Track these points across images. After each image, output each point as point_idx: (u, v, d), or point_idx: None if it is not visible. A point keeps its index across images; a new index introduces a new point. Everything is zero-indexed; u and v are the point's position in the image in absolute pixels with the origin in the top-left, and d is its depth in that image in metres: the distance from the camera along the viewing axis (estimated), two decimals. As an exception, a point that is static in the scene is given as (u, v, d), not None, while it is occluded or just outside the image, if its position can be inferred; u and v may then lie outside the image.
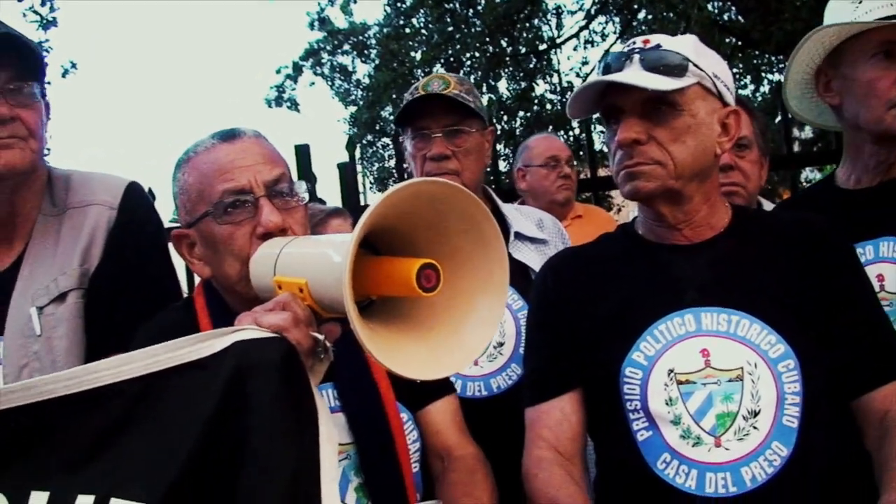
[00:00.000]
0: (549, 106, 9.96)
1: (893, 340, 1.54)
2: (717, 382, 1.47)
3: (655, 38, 1.54)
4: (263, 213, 1.37)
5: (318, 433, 1.15)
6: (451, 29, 8.87)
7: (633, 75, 1.49)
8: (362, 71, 13.92)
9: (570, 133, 8.87)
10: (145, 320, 1.53)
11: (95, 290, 1.69)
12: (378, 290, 1.14)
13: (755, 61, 9.19)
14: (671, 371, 1.49)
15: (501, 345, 2.10)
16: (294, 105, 13.97)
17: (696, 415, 1.47)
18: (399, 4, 10.84)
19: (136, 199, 1.78)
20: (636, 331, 1.53)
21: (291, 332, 1.15)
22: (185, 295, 2.12)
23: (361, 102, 12.75)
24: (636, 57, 1.51)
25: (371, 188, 15.09)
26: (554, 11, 9.39)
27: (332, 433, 1.17)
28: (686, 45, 1.53)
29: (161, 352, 1.13)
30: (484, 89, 9.34)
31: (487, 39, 8.17)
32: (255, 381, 1.11)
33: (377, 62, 12.11)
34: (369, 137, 13.89)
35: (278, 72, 13.78)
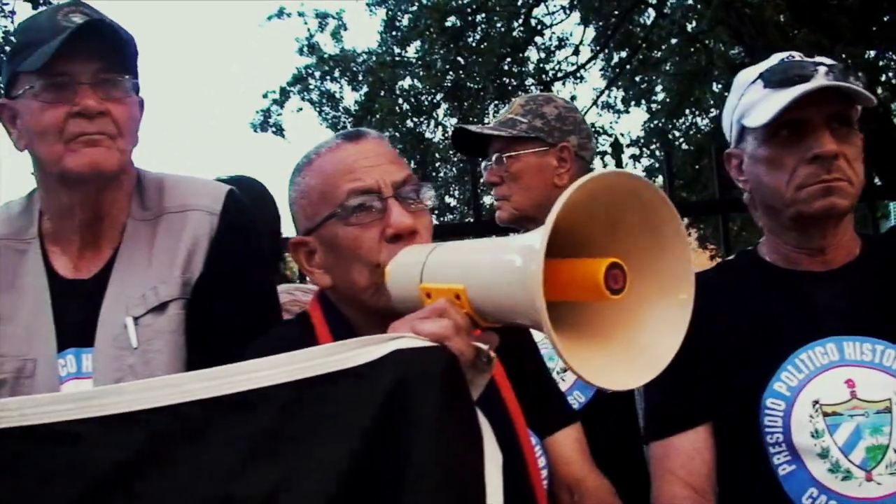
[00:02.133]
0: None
1: None
2: (865, 414, 1.42)
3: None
4: (393, 214, 1.28)
5: (483, 451, 1.07)
6: (454, 57, 8.87)
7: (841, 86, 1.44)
8: (350, 98, 13.87)
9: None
10: (250, 335, 1.43)
11: (197, 301, 1.56)
12: (558, 294, 1.03)
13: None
14: (816, 402, 1.43)
15: (565, 370, 2.03)
16: (280, 130, 13.83)
17: (844, 448, 1.41)
18: (395, 33, 10.87)
19: (237, 207, 1.65)
20: (776, 360, 1.47)
21: (453, 340, 1.05)
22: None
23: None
24: (822, 69, 1.46)
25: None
26: (557, 44, 9.44)
27: (496, 452, 1.09)
28: None
29: (313, 356, 1.05)
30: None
31: (495, 70, 8.16)
32: (417, 393, 1.03)
33: (367, 89, 12.05)
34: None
35: (265, 96, 13.69)
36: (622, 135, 10.77)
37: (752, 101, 1.52)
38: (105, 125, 1.49)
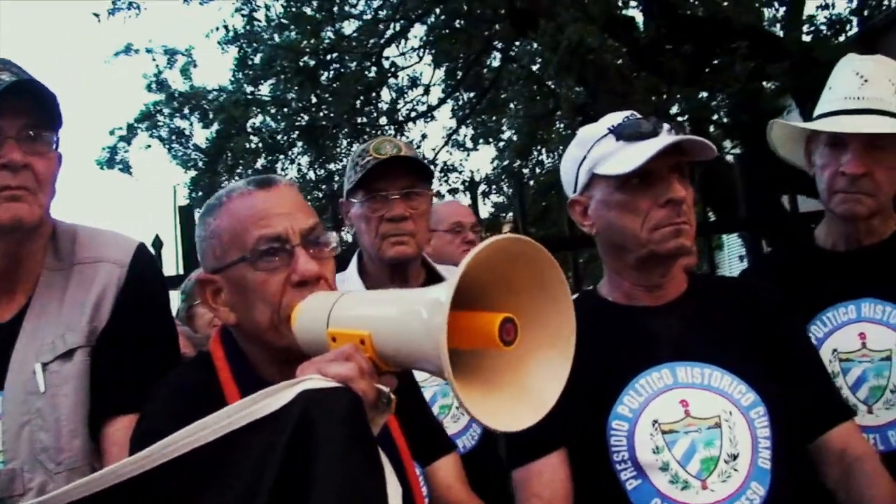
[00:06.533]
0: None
1: (834, 388, 1.76)
2: (698, 430, 1.60)
3: None
4: (300, 261, 1.37)
5: (384, 485, 1.16)
6: (308, 97, 8.92)
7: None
8: (201, 135, 13.59)
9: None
10: (152, 381, 1.49)
11: (101, 349, 1.63)
12: (457, 342, 1.14)
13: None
14: (655, 422, 1.61)
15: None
16: (126, 167, 13.41)
17: (682, 460, 1.58)
18: (248, 72, 10.79)
19: (145, 261, 1.74)
20: (619, 386, 1.64)
21: (357, 382, 1.14)
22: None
23: (203, 167, 12.42)
24: (665, 126, 1.66)
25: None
26: (408, 85, 9.67)
27: (396, 486, 1.18)
28: None
29: (234, 412, 1.12)
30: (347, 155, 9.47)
31: (349, 109, 8.28)
32: (323, 430, 1.10)
33: (219, 127, 11.87)
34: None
35: (112, 133, 13.23)
36: (471, 172, 11.14)
37: (605, 153, 1.69)
38: (26, 179, 1.55)
